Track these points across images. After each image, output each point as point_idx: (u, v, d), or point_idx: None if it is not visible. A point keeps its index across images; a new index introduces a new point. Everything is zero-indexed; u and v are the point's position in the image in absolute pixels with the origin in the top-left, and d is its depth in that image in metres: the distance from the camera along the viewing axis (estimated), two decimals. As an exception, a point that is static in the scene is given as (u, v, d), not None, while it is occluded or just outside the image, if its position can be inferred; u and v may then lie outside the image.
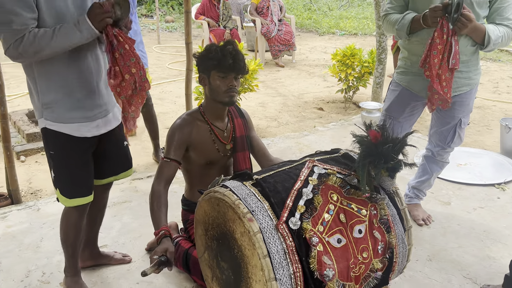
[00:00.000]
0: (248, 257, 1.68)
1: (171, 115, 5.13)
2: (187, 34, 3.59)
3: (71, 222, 2.08)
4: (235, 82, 2.12)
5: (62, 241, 2.13)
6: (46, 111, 1.90)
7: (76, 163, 1.99)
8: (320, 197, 1.77)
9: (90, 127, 1.97)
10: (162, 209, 2.04)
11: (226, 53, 2.06)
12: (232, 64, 2.07)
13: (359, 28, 11.29)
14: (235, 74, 2.11)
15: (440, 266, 2.43)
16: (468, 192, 3.25)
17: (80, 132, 1.95)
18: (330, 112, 5.34)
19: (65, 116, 1.91)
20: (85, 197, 2.03)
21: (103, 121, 2.02)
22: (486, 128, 4.74)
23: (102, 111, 2.01)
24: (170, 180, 2.15)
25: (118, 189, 3.26)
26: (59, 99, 1.88)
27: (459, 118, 2.59)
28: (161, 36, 10.00)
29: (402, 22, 2.41)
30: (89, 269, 2.38)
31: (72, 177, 1.99)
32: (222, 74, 2.09)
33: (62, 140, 1.93)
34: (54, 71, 1.85)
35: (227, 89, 2.12)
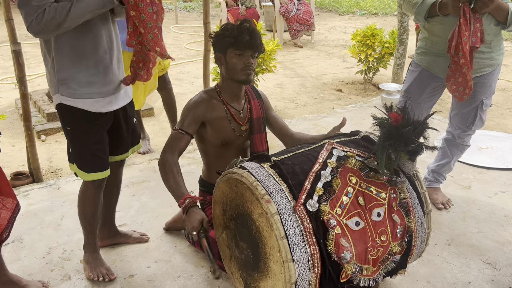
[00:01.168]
0: (266, 238, 1.68)
1: (189, 96, 5.09)
2: (205, 14, 3.55)
3: (89, 198, 2.12)
4: (252, 60, 2.10)
5: (80, 217, 2.17)
6: (62, 87, 1.93)
7: (92, 138, 2.02)
8: (339, 180, 1.76)
9: (104, 102, 2.00)
10: (180, 178, 2.04)
11: (243, 30, 2.05)
12: (249, 40, 2.05)
13: (380, 7, 11.05)
14: (252, 52, 2.09)
15: (459, 250, 2.41)
16: (489, 176, 3.19)
17: (95, 108, 1.98)
18: (349, 93, 5.27)
19: (80, 92, 1.93)
20: (103, 172, 2.07)
21: (116, 97, 2.05)
22: (509, 111, 4.63)
23: (115, 87, 2.04)
24: (181, 152, 2.15)
25: (136, 169, 3.29)
26: (74, 74, 1.91)
27: (480, 100, 2.53)
28: (179, 15, 9.96)
29: (421, 6, 2.37)
30: (108, 247, 2.41)
31: (89, 152, 2.03)
32: (239, 51, 2.08)
33: (78, 116, 1.97)
34: (70, 47, 1.87)
35: (243, 66, 2.10)
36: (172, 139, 2.15)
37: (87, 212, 2.13)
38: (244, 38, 2.04)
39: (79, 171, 2.06)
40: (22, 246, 2.44)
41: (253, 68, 2.12)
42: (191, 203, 1.91)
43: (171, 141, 2.15)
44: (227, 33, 2.08)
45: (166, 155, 2.10)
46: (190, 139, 2.17)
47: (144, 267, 2.29)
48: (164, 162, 2.08)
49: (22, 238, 2.50)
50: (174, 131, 2.17)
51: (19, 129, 4.06)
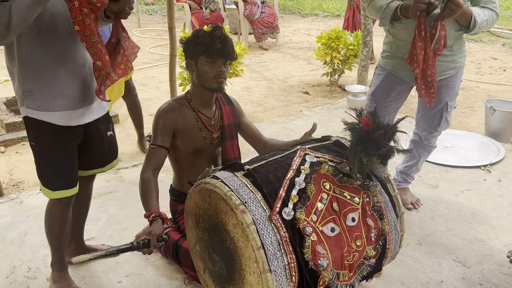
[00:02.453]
0: (241, 249, 1.65)
1: (155, 101, 5.04)
2: (170, 18, 3.50)
3: (56, 215, 2.02)
4: (223, 68, 2.07)
5: (47, 234, 2.07)
6: (27, 99, 1.82)
7: (59, 154, 1.91)
8: (313, 186, 1.75)
9: (74, 115, 1.89)
10: (152, 194, 1.98)
11: (215, 38, 2.01)
12: (221, 48, 2.02)
13: (342, 9, 11.22)
14: (224, 60, 2.06)
15: (430, 250, 2.45)
16: (455, 175, 3.28)
17: (63, 121, 1.87)
18: (315, 96, 5.31)
19: (47, 104, 1.82)
20: (69, 189, 1.97)
21: (88, 109, 1.95)
22: (470, 109, 4.78)
23: (87, 99, 1.93)
24: (159, 167, 2.10)
25: (103, 179, 3.19)
26: (40, 86, 1.80)
27: (445, 102, 2.59)
28: (141, 19, 9.80)
29: (386, 11, 2.40)
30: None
31: (55, 169, 1.92)
32: (211, 59, 2.04)
33: (44, 130, 1.86)
34: (35, 57, 1.77)
35: (215, 75, 2.06)
36: (147, 156, 2.11)
37: (54, 229, 2.03)
38: (216, 46, 2.00)
39: (44, 188, 1.95)
40: (-17, 266, 2.31)
41: (225, 76, 2.09)
42: (154, 217, 1.86)
43: (146, 158, 2.10)
44: (199, 40, 2.03)
45: (142, 172, 2.06)
46: (165, 152, 2.12)
47: (115, 282, 2.21)
48: (141, 179, 2.04)
49: (-17, 257, 2.37)
50: (149, 148, 2.12)
51: (-24, 140, 3.87)
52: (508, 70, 6.28)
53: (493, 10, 2.35)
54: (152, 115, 4.59)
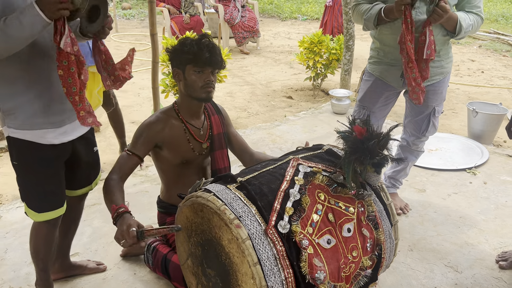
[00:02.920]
0: (237, 264, 1.60)
1: (136, 108, 4.94)
2: (152, 25, 3.42)
3: (42, 236, 1.93)
4: (212, 77, 2.02)
5: (32, 255, 1.98)
6: (8, 118, 1.74)
7: (44, 174, 1.82)
8: (308, 198, 1.71)
9: (57, 133, 1.81)
10: (117, 193, 1.86)
11: (203, 46, 1.96)
12: (209, 57, 1.96)
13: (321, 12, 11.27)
14: (212, 69, 2.00)
15: (422, 256, 2.44)
16: (441, 178, 3.29)
17: (46, 139, 1.78)
18: (299, 100, 5.29)
19: (29, 122, 1.74)
20: (56, 210, 1.88)
21: (71, 126, 1.86)
22: (452, 112, 4.83)
23: (71, 116, 1.84)
24: (128, 174, 2.01)
25: (86, 191, 3.09)
26: (21, 104, 1.71)
27: (433, 107, 2.59)
28: (119, 24, 9.65)
29: (370, 13, 2.39)
30: (62, 280, 2.24)
31: (40, 190, 1.83)
32: (199, 68, 1.98)
33: (27, 149, 1.77)
34: (15, 74, 1.68)
35: (203, 84, 2.01)
36: (118, 160, 2.02)
37: (40, 250, 1.95)
38: (204, 55, 1.95)
39: (30, 210, 1.86)
40: (-38, 287, 2.20)
41: (213, 85, 2.04)
42: (124, 212, 1.73)
43: (116, 163, 2.02)
44: (186, 49, 1.97)
45: (108, 176, 1.95)
46: (138, 161, 2.04)
47: (103, 299, 2.14)
48: (104, 183, 1.93)
49: (-39, 278, 2.26)
50: (122, 152, 2.04)
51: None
52: (486, 72, 6.40)
53: (478, 14, 2.37)
54: (134, 122, 4.49)
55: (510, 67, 6.65)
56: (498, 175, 3.31)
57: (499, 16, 10.45)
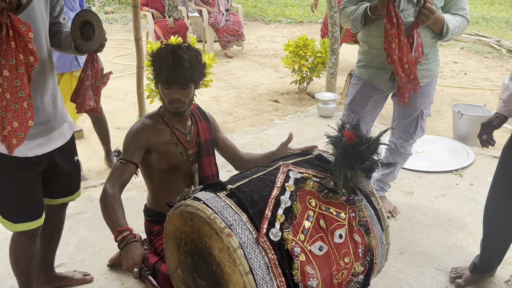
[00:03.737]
0: (228, 274, 1.57)
1: (120, 114, 4.87)
2: (136, 30, 3.38)
3: (21, 248, 1.88)
4: (178, 94, 1.96)
5: (13, 268, 1.92)
6: None
7: (18, 185, 1.76)
8: (299, 204, 1.69)
9: (31, 146, 1.74)
10: (120, 212, 1.84)
11: (164, 66, 1.90)
12: (170, 78, 1.91)
13: (305, 15, 11.32)
14: (179, 87, 1.96)
15: (412, 259, 2.44)
16: (429, 180, 3.31)
17: (20, 152, 1.70)
18: (285, 104, 5.29)
19: None
20: (33, 221, 1.82)
21: (46, 139, 1.80)
22: (436, 113, 4.87)
23: (46, 128, 1.79)
24: (125, 183, 1.97)
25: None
26: None
27: (420, 110, 2.60)
28: (102, 28, 9.52)
29: (356, 13, 2.40)
30: (47, 293, 2.18)
31: (14, 201, 1.77)
32: (165, 85, 1.95)
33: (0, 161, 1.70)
34: None
35: (170, 100, 1.98)
36: (113, 170, 1.97)
37: (21, 262, 1.89)
38: (165, 74, 1.91)
39: (5, 221, 1.80)
40: None
41: (183, 101, 1.99)
42: (129, 235, 1.72)
43: (111, 173, 1.96)
44: (153, 64, 1.96)
45: (106, 187, 1.90)
46: (134, 168, 1.99)
47: (90, 312, 2.09)
48: (104, 194, 1.88)
49: None
50: (116, 162, 1.99)
51: None
52: (469, 74, 6.48)
53: (464, 16, 2.39)
54: (119, 128, 4.43)
55: (492, 68, 6.75)
56: (484, 176, 3.34)
57: (480, 18, 10.61)
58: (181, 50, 1.93)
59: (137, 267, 1.67)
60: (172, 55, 1.91)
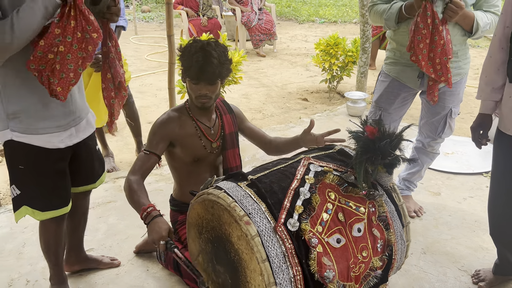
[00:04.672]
0: (246, 261, 1.61)
1: (153, 109, 5.00)
2: (169, 26, 3.47)
3: (50, 232, 1.96)
4: (206, 90, 2.02)
5: (43, 251, 2.02)
6: (12, 121, 1.71)
7: (49, 176, 1.82)
8: (318, 196, 1.72)
9: (63, 137, 1.81)
10: (143, 193, 1.92)
11: (193, 62, 1.95)
12: (199, 74, 1.97)
13: (339, 15, 11.25)
14: (206, 83, 2.01)
15: (435, 259, 2.42)
16: (457, 182, 3.25)
17: (52, 143, 1.78)
18: (314, 102, 5.29)
19: (36, 126, 1.73)
20: (61, 209, 1.89)
21: (76, 129, 1.87)
22: (469, 115, 4.76)
23: (76, 118, 1.85)
24: (146, 173, 2.05)
25: (102, 189, 3.15)
26: (28, 107, 1.70)
27: (449, 108, 2.57)
28: (138, 26, 9.78)
29: (390, 12, 2.38)
30: (76, 275, 2.28)
31: (44, 191, 1.83)
32: (193, 81, 2.01)
33: (32, 153, 1.76)
34: (19, 76, 1.66)
35: (198, 95, 2.04)
36: (136, 160, 2.06)
37: (51, 246, 1.98)
38: (194, 71, 1.96)
39: (33, 211, 1.85)
40: (-20, 279, 2.26)
41: (209, 97, 2.05)
42: (153, 211, 1.80)
43: (134, 163, 2.06)
44: (182, 60, 2.01)
45: (128, 176, 2.00)
46: (157, 159, 2.07)
47: (115, 294, 2.17)
48: (126, 183, 1.98)
49: (-20, 270, 2.32)
50: (140, 153, 2.08)
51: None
52: (506, 76, 6.28)
53: (495, 13, 2.34)
54: (150, 123, 4.53)
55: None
56: (515, 180, 3.25)
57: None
58: (210, 47, 1.99)
59: (163, 239, 1.74)
60: (202, 52, 1.96)
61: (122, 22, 3.29)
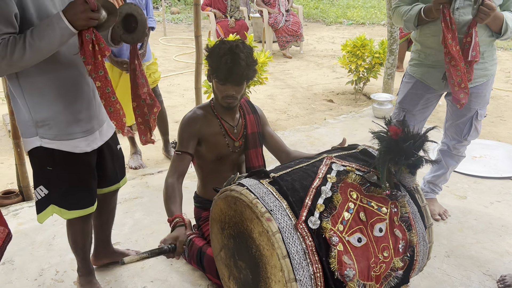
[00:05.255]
0: (267, 257, 1.64)
1: (180, 109, 5.09)
2: (196, 27, 3.53)
3: (77, 229, 2.03)
4: (232, 91, 2.06)
5: (71, 246, 2.09)
6: (41, 129, 1.74)
7: (77, 178, 1.87)
8: (339, 195, 1.73)
9: (90, 140, 1.86)
10: (176, 199, 1.98)
11: (222, 64, 1.99)
12: (227, 76, 2.01)
13: (367, 17, 11.15)
14: (233, 84, 2.05)
15: (459, 262, 2.39)
16: (484, 186, 3.20)
17: (80, 148, 1.83)
18: (340, 104, 5.28)
19: (65, 132, 1.77)
20: (87, 208, 1.94)
21: (100, 132, 1.93)
22: (499, 119, 4.66)
23: (99, 121, 1.91)
24: (184, 172, 2.11)
25: (129, 185, 3.23)
26: (55, 114, 1.73)
27: (475, 110, 2.53)
28: (167, 27, 9.93)
29: (410, 14, 2.38)
30: (103, 267, 2.35)
31: (72, 191, 1.88)
32: (220, 82, 2.05)
33: (61, 158, 1.80)
34: (44, 85, 1.68)
35: (224, 96, 2.09)
36: (172, 162, 2.12)
37: (78, 241, 2.05)
38: (222, 73, 2.00)
39: (60, 209, 1.89)
40: (13, 268, 2.36)
41: (235, 97, 2.09)
42: (178, 222, 1.84)
43: (171, 164, 2.12)
44: (210, 61, 2.05)
45: (167, 178, 2.06)
46: (190, 158, 2.13)
47: (140, 287, 2.23)
48: (165, 184, 2.04)
49: (13, 259, 2.42)
50: (174, 154, 2.14)
51: (7, 145, 3.98)
52: (539, 79, 6.12)
53: None
54: (177, 122, 4.63)
55: None
56: (546, 185, 3.17)
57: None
58: (238, 49, 2.02)
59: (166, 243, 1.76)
60: (231, 54, 2.00)
61: (151, 22, 3.38)
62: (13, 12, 1.50)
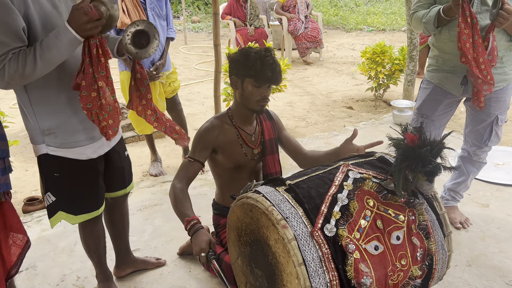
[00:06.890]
0: (282, 264, 1.64)
1: (200, 117, 5.14)
2: (216, 36, 3.57)
3: (88, 232, 2.06)
4: (267, 92, 2.09)
5: (85, 251, 2.13)
6: (48, 137, 1.79)
7: (83, 184, 1.91)
8: (356, 203, 1.72)
9: (95, 147, 1.89)
10: (188, 204, 2.00)
11: (266, 66, 2.01)
12: (270, 76, 2.03)
13: (387, 23, 11.08)
14: (270, 85, 2.08)
15: (481, 272, 2.34)
16: (508, 194, 3.13)
17: (86, 155, 1.87)
18: (360, 111, 5.25)
19: (70, 140, 1.81)
20: (93, 212, 1.97)
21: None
22: (524, 125, 4.56)
23: None
24: (191, 180, 2.12)
25: (149, 192, 3.28)
26: (61, 123, 1.78)
27: (495, 115, 2.49)
28: (188, 36, 10.07)
29: (429, 15, 2.37)
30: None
31: (78, 197, 1.92)
32: (258, 84, 2.05)
33: (67, 164, 1.84)
34: (50, 94, 1.73)
35: (260, 98, 2.09)
36: (181, 167, 2.14)
37: (91, 245, 2.09)
38: (266, 74, 2.01)
39: (68, 215, 1.93)
40: (36, 273, 2.42)
41: (269, 98, 2.12)
42: (197, 224, 1.87)
43: (180, 169, 2.14)
44: (249, 64, 2.03)
45: (174, 183, 2.08)
46: (200, 166, 2.15)
47: (159, 293, 2.26)
48: (172, 189, 2.06)
49: (36, 265, 2.48)
50: (184, 160, 2.16)
51: (32, 153, 4.09)
52: None
53: None
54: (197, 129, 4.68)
55: None
56: None
57: None
58: (270, 51, 2.08)
59: (204, 252, 1.81)
60: (270, 55, 2.04)
61: (171, 33, 3.44)
62: (21, 26, 1.55)
